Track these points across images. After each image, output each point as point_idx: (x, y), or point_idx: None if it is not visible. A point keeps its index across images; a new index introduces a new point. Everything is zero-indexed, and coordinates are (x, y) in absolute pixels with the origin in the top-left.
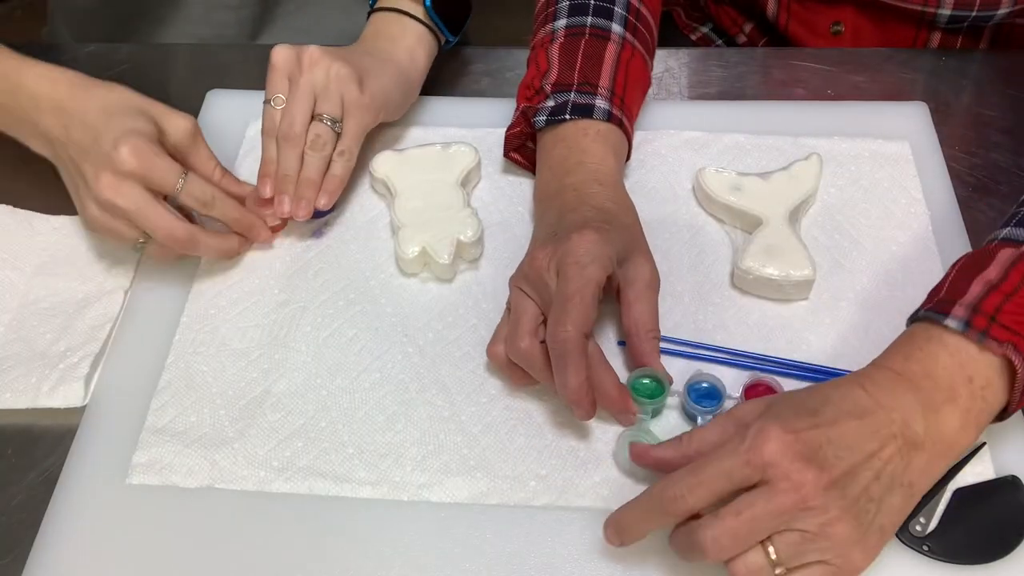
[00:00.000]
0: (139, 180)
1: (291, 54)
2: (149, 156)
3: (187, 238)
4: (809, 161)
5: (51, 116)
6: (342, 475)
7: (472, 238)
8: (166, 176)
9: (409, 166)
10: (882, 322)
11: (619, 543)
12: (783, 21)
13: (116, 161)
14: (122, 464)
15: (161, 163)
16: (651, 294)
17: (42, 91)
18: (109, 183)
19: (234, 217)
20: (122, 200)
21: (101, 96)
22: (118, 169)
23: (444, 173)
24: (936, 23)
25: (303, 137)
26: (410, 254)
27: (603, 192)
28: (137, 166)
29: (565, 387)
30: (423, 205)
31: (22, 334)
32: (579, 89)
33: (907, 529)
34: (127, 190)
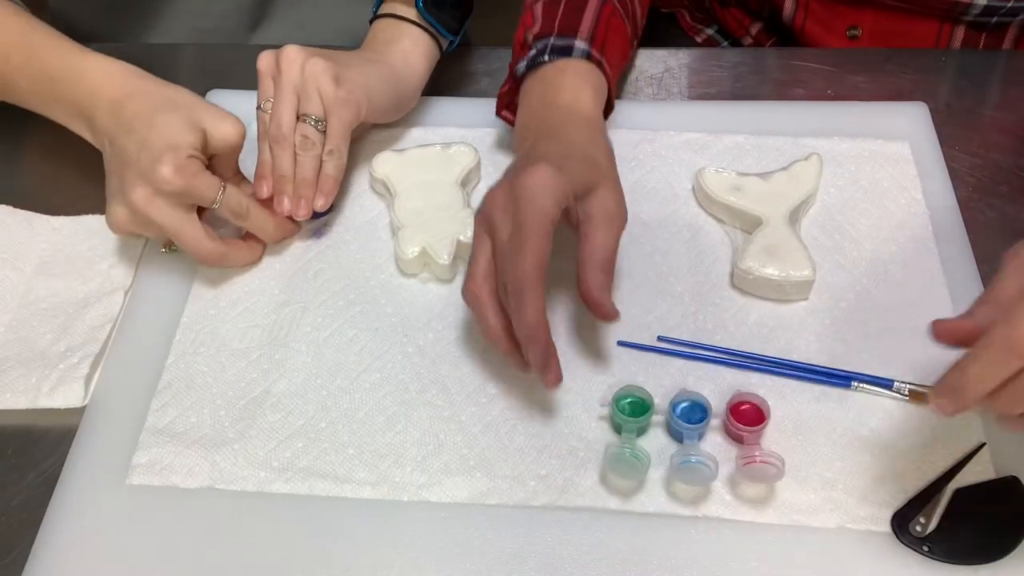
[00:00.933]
0: (178, 197)
1: (271, 57)
2: (189, 176)
3: (216, 258)
4: (809, 161)
5: (104, 116)
6: (342, 475)
7: (472, 238)
8: (207, 193)
9: (409, 166)
10: (882, 322)
11: (952, 411)
12: (799, 21)
13: (155, 179)
14: (122, 464)
15: (202, 181)
16: (609, 226)
17: (98, 87)
18: (145, 199)
19: (267, 230)
20: (156, 214)
21: (151, 98)
22: (160, 186)
23: (444, 173)
24: (965, 16)
25: (291, 137)
26: (410, 254)
27: (573, 125)
28: (177, 187)
29: (522, 323)
30: (423, 205)
31: (22, 334)
32: (559, 34)
33: (907, 529)
34: (162, 205)
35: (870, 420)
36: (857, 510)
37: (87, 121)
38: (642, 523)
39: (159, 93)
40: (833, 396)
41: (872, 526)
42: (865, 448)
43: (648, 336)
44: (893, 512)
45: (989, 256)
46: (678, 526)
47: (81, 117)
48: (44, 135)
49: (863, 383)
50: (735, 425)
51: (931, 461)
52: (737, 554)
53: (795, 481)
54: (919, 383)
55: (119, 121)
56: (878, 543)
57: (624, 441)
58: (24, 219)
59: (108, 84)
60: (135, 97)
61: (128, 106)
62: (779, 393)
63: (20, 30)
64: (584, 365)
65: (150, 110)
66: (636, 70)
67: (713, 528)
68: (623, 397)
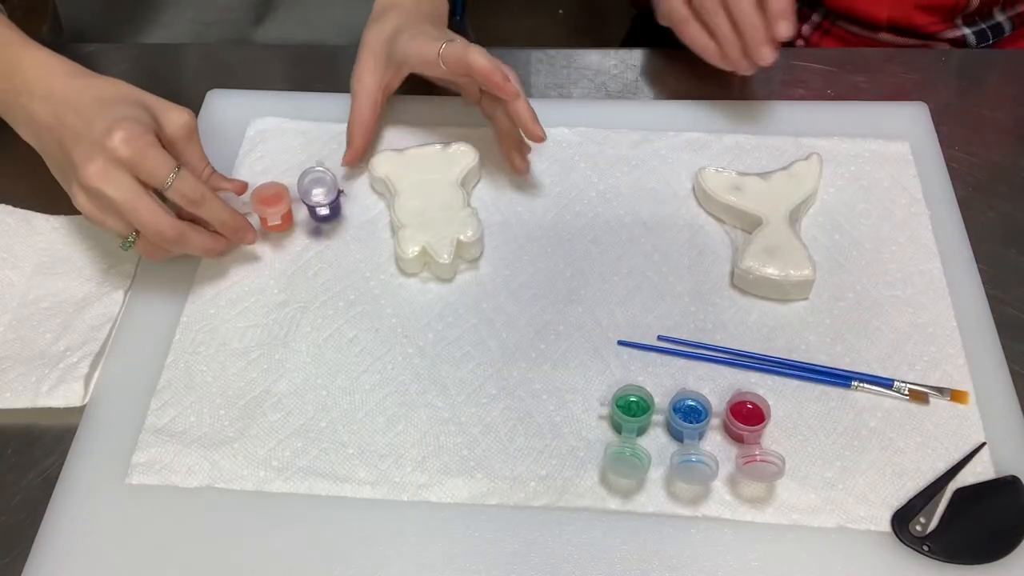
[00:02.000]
0: (129, 169)
1: None
2: (142, 145)
3: (175, 235)
4: (809, 161)
5: (44, 103)
6: (342, 475)
7: (472, 238)
8: (158, 168)
9: (409, 166)
10: (882, 322)
11: None
12: None
13: (108, 147)
14: (122, 464)
15: (154, 154)
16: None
17: (37, 76)
18: (98, 170)
19: (221, 219)
20: (110, 189)
21: (97, 86)
22: (110, 155)
23: (444, 173)
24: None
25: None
26: (410, 254)
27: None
28: (129, 154)
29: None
30: (423, 205)
31: (22, 334)
32: None
33: (907, 529)
34: (116, 178)
35: (870, 420)
36: (857, 510)
37: (23, 111)
38: (642, 523)
39: (105, 84)
40: (833, 396)
41: (872, 526)
42: (865, 448)
43: (648, 336)
44: (893, 512)
45: (989, 256)
46: (678, 526)
47: (17, 105)
48: None
49: (863, 383)
50: (735, 425)
51: (931, 461)
52: (737, 554)
53: (795, 481)
54: (919, 383)
55: (59, 105)
56: (878, 543)
57: (624, 441)
58: (24, 219)
59: (47, 74)
60: (74, 87)
61: (72, 94)
62: (779, 393)
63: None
64: (584, 365)
65: (94, 96)
66: (636, 70)
67: (713, 528)
68: (623, 397)
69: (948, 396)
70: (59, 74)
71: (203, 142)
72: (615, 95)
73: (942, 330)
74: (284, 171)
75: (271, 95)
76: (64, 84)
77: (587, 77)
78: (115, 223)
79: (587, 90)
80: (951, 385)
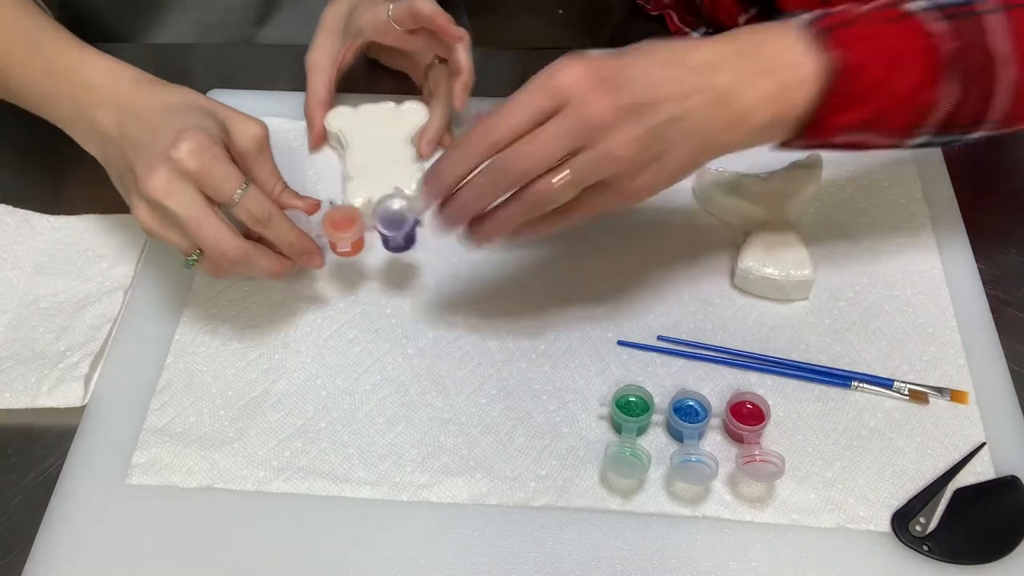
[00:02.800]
0: (195, 183)
1: None
2: (209, 158)
3: (239, 256)
4: (809, 161)
5: (108, 111)
6: (342, 475)
7: (416, 191)
8: (225, 183)
9: (362, 121)
10: (882, 322)
11: (434, 194)
12: None
13: (174, 158)
14: (122, 464)
15: (222, 167)
16: None
17: (103, 84)
18: (162, 182)
19: (288, 241)
20: (173, 203)
21: (164, 94)
22: (175, 167)
23: (395, 129)
24: None
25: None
26: (356, 204)
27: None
28: (196, 167)
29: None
30: (372, 159)
31: (22, 334)
32: None
33: (907, 529)
34: (180, 192)
35: (870, 420)
36: (857, 510)
37: (87, 122)
38: (642, 523)
39: (173, 91)
40: (833, 396)
41: (872, 526)
42: (865, 448)
43: (648, 336)
44: (893, 512)
45: (989, 256)
46: (678, 526)
47: (82, 119)
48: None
49: (863, 383)
50: (735, 424)
51: (931, 461)
52: (737, 554)
53: (795, 481)
54: (919, 383)
55: (125, 113)
56: (878, 543)
57: (624, 441)
58: (24, 219)
59: (112, 82)
60: (141, 94)
61: (138, 102)
62: (779, 392)
63: (22, 23)
64: (584, 365)
65: (161, 104)
66: None
67: (713, 528)
68: (623, 397)
69: (948, 396)
70: (125, 81)
71: None
72: None
73: (942, 330)
74: (284, 171)
75: (271, 95)
76: (130, 92)
77: None
78: (177, 239)
79: None
80: (951, 385)
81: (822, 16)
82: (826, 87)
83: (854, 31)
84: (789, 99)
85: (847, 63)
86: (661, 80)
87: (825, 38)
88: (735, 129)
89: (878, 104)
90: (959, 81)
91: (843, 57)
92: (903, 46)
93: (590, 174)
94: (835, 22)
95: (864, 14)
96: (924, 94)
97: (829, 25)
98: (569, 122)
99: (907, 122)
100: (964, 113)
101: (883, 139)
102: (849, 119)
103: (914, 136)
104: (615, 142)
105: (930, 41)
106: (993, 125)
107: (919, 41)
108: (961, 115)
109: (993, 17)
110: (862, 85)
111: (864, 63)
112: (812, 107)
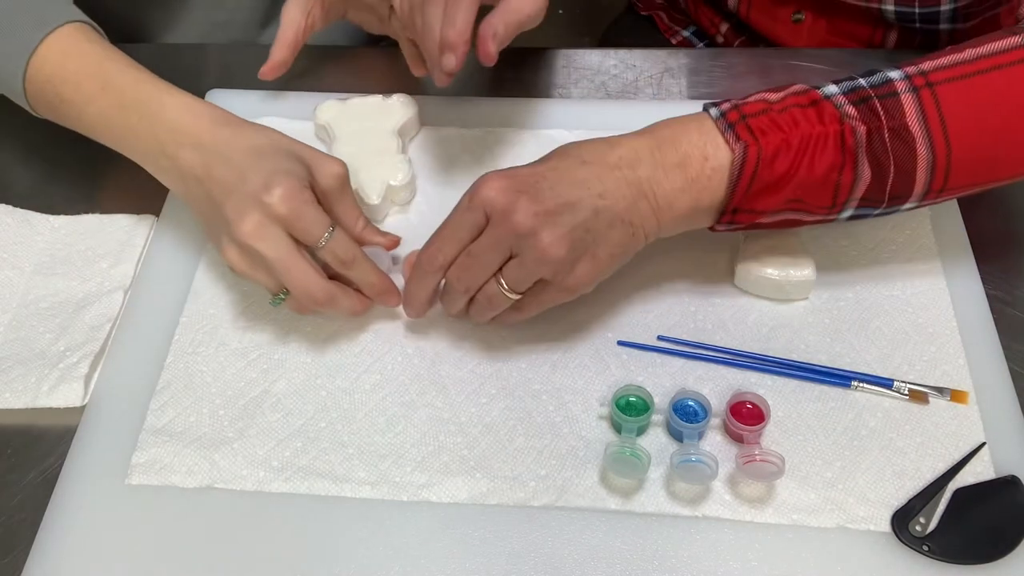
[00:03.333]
0: (285, 227)
1: None
2: (300, 203)
3: (325, 298)
4: None
5: (192, 152)
6: (342, 475)
7: (402, 181)
8: (314, 227)
9: (350, 114)
10: (882, 322)
11: (415, 314)
12: (744, 11)
13: (266, 203)
14: (122, 464)
15: (311, 213)
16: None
17: (184, 125)
18: (254, 227)
19: (370, 282)
20: (265, 247)
21: (249, 136)
22: (266, 212)
23: (382, 121)
24: (886, 18)
25: None
26: None
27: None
28: (286, 212)
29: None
30: (358, 150)
31: (22, 334)
32: None
33: (907, 529)
34: (271, 236)
35: (870, 420)
36: (857, 510)
37: (168, 160)
38: (642, 523)
39: (256, 132)
40: (833, 396)
41: (872, 526)
42: (865, 448)
43: (648, 336)
44: (893, 512)
45: (989, 256)
46: (678, 526)
47: (159, 153)
48: (44, 135)
49: (863, 383)
50: (735, 424)
51: (931, 461)
52: (737, 554)
53: (795, 481)
54: (919, 383)
55: (210, 155)
56: (878, 543)
57: (624, 441)
58: (24, 219)
59: (194, 121)
60: (225, 136)
61: (222, 143)
62: (779, 392)
63: (94, 57)
64: (584, 365)
65: (247, 146)
66: (636, 70)
67: (713, 528)
68: (623, 397)
69: (948, 396)
70: (206, 121)
71: None
72: (615, 95)
73: (942, 330)
74: None
75: (271, 95)
76: (213, 132)
77: (587, 77)
78: (265, 279)
79: (587, 90)
80: (951, 385)
81: (736, 106)
82: (739, 176)
83: (766, 120)
84: (705, 188)
85: (760, 153)
86: (580, 180)
87: (737, 128)
88: (658, 217)
89: (794, 188)
90: (872, 163)
91: (755, 147)
92: (815, 132)
93: (524, 279)
94: (748, 111)
95: (777, 102)
96: (838, 175)
97: (742, 115)
98: (497, 232)
99: (828, 201)
100: (888, 189)
101: (809, 216)
102: (767, 204)
103: (838, 212)
104: (542, 244)
105: (843, 126)
106: (921, 197)
107: (831, 127)
108: (883, 192)
109: (906, 98)
110: (775, 172)
111: (776, 152)
112: (728, 195)
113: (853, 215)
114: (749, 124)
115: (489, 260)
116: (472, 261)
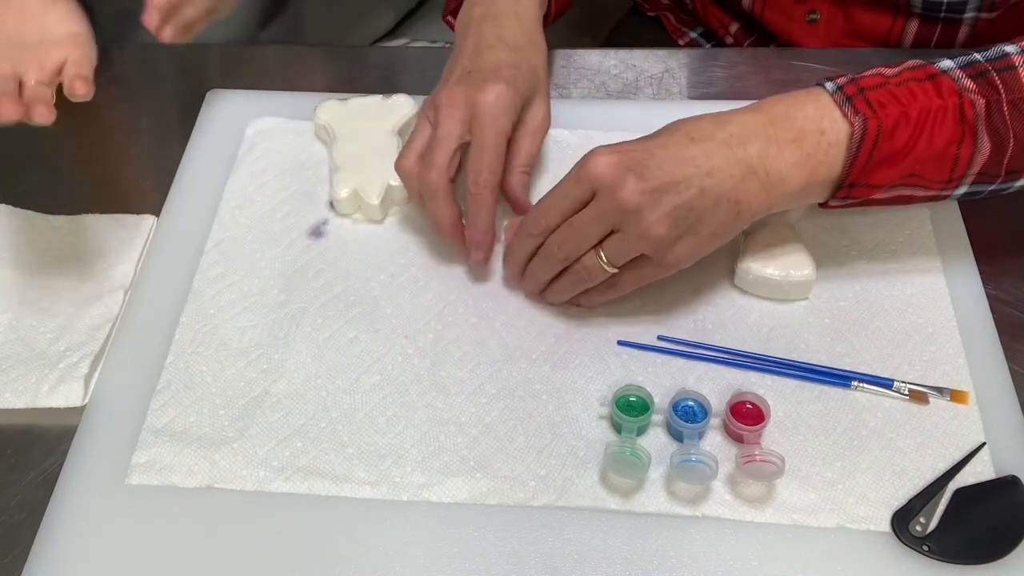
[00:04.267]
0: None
1: None
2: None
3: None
4: None
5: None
6: (342, 475)
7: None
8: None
9: (350, 114)
10: (882, 322)
11: (514, 274)
12: (759, 10)
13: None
14: (122, 464)
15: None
16: (538, 136)
17: None
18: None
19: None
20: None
21: None
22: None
23: (382, 121)
24: (911, 8)
25: None
26: (342, 194)
27: (519, 27)
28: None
29: (475, 228)
30: (359, 150)
31: (22, 334)
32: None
33: (907, 529)
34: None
35: (870, 420)
36: (857, 510)
37: None
38: (642, 523)
39: None
40: (833, 396)
41: (872, 526)
42: (865, 448)
43: (648, 336)
44: (893, 512)
45: (989, 255)
46: (678, 526)
47: None
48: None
49: (863, 383)
50: (735, 424)
51: (931, 461)
52: (737, 554)
53: (795, 481)
54: (919, 383)
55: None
56: (878, 543)
57: (624, 441)
58: (24, 219)
59: None
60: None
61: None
62: (779, 392)
63: None
64: (584, 365)
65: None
66: (636, 70)
67: (713, 528)
68: (623, 397)
69: (948, 396)
70: None
71: (203, 142)
72: (615, 95)
73: (942, 330)
74: (284, 171)
75: (271, 95)
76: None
77: (587, 77)
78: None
79: (587, 90)
80: (951, 385)
81: (853, 80)
82: (858, 149)
83: (884, 93)
84: (822, 163)
85: (880, 125)
86: (688, 157)
87: (855, 102)
88: (768, 194)
89: (912, 162)
90: (991, 136)
91: (874, 119)
92: (934, 106)
93: (624, 253)
94: (865, 84)
95: (893, 76)
96: (957, 148)
97: (859, 88)
98: (601, 207)
99: (945, 175)
100: (1006, 163)
101: (923, 192)
102: (884, 177)
103: (954, 188)
104: (646, 222)
105: (962, 99)
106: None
107: (950, 100)
108: (1000, 166)
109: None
110: (895, 145)
111: (896, 124)
112: (846, 169)
113: (968, 192)
114: (867, 97)
115: (591, 232)
116: (573, 232)
